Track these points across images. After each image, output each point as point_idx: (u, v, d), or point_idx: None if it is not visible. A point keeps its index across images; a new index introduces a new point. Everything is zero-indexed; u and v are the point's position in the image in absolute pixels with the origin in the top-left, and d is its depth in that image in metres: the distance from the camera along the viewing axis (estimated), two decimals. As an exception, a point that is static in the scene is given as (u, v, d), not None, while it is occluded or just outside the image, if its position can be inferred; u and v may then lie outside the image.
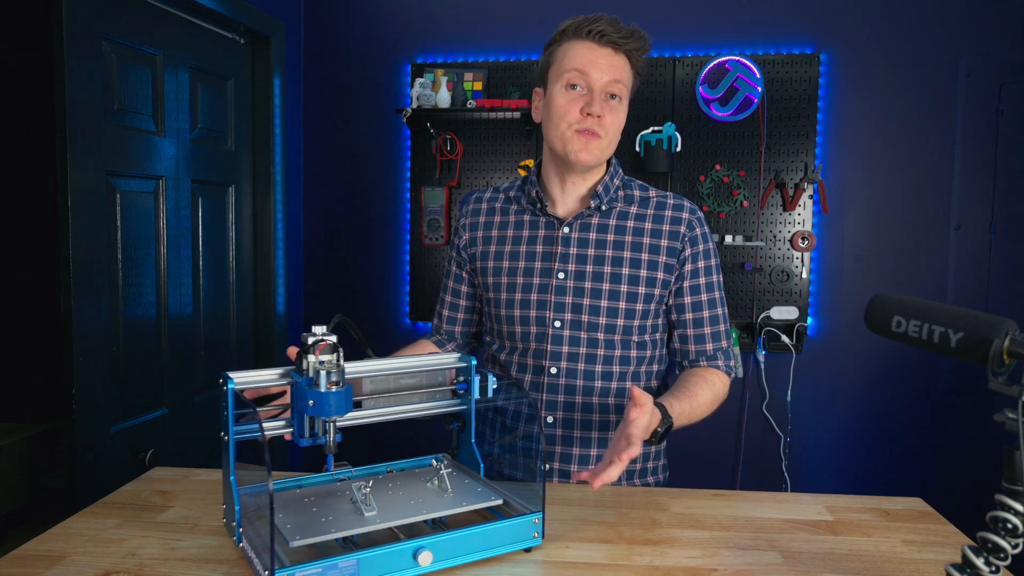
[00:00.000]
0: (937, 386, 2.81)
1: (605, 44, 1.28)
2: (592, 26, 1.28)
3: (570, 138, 1.30)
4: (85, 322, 1.87)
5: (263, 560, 0.87)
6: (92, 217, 1.90)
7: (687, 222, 1.36)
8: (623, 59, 1.30)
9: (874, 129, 2.80)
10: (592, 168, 1.36)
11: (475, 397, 1.13)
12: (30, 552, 0.98)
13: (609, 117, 1.30)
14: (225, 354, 2.58)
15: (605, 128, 1.30)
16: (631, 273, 1.33)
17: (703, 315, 1.36)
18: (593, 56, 1.28)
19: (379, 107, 3.05)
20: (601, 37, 1.27)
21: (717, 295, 1.38)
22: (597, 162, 1.33)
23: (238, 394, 0.95)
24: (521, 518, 0.99)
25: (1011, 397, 0.66)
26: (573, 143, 1.30)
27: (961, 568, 0.71)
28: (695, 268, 1.36)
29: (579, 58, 1.28)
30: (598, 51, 1.28)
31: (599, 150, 1.31)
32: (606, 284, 1.33)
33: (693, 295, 1.36)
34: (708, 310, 1.36)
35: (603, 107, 1.28)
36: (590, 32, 1.28)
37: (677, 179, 2.86)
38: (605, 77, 1.28)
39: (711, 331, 1.37)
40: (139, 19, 2.11)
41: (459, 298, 1.53)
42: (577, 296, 1.34)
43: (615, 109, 1.31)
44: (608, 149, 1.33)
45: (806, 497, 1.25)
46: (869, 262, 2.83)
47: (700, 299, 1.36)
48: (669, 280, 1.35)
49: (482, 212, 1.48)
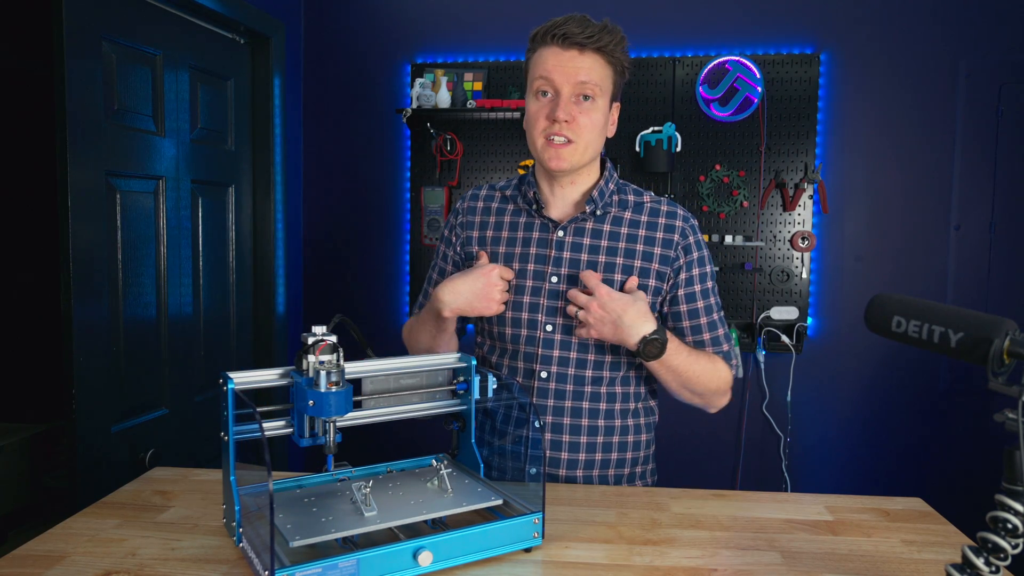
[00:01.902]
0: (937, 386, 2.81)
1: (570, 47, 1.26)
2: (556, 30, 1.26)
3: (542, 146, 1.30)
4: (85, 322, 1.87)
5: (263, 560, 0.87)
6: (92, 217, 1.90)
7: (680, 230, 1.35)
8: (593, 58, 1.27)
9: (874, 129, 2.80)
10: (576, 172, 1.34)
11: (475, 397, 1.13)
12: (30, 552, 0.98)
13: (582, 119, 1.27)
14: (225, 354, 2.58)
15: (577, 131, 1.28)
16: (623, 279, 1.33)
17: (700, 322, 1.37)
18: (558, 60, 1.26)
19: (379, 107, 3.05)
20: (565, 40, 1.25)
21: (713, 301, 1.38)
22: (573, 167, 1.32)
23: (238, 394, 0.95)
24: (521, 518, 0.99)
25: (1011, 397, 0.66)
26: (546, 151, 1.30)
27: (961, 568, 0.71)
28: (690, 276, 1.35)
29: (545, 64, 1.28)
30: (563, 55, 1.26)
31: (572, 156, 1.29)
32: None
33: (689, 303, 1.36)
34: (705, 316, 1.37)
35: (573, 110, 1.27)
36: (554, 36, 1.26)
37: (677, 179, 2.86)
38: (572, 79, 1.26)
39: (710, 336, 1.37)
40: (139, 19, 2.11)
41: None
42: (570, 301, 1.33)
43: (588, 110, 1.28)
44: (586, 152, 1.31)
45: (806, 497, 1.25)
46: (869, 262, 2.83)
47: (696, 306, 1.36)
48: (661, 287, 1.35)
49: (478, 211, 1.46)
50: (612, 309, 1.22)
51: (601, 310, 1.23)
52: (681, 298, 1.36)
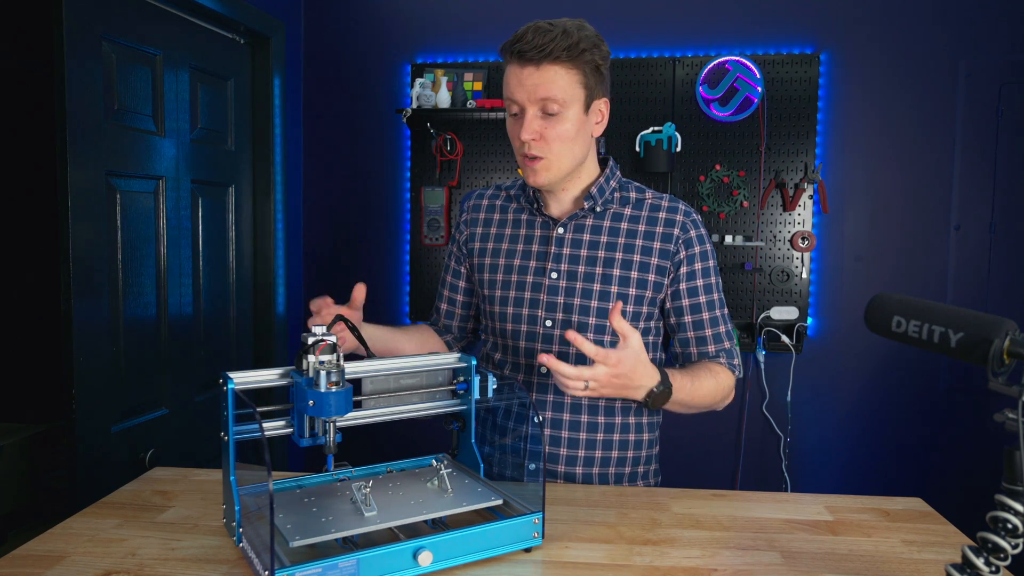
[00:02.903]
0: (937, 386, 2.81)
1: (526, 63, 1.23)
2: (513, 46, 1.23)
3: (521, 163, 1.32)
4: (85, 322, 1.87)
5: (263, 560, 0.87)
6: (92, 217, 1.90)
7: (681, 224, 1.34)
8: (553, 70, 1.22)
9: (874, 129, 2.80)
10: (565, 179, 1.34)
11: (475, 397, 1.13)
12: (30, 552, 0.98)
13: (549, 133, 1.25)
14: (225, 354, 2.58)
15: (546, 147, 1.26)
16: (622, 274, 1.33)
17: (703, 317, 1.35)
18: (517, 79, 1.25)
19: (379, 107, 3.05)
20: (521, 56, 1.23)
21: (716, 296, 1.36)
22: (551, 181, 1.31)
23: (238, 394, 0.95)
24: (521, 518, 0.99)
25: (1011, 397, 0.66)
26: (523, 169, 1.32)
27: (961, 568, 0.71)
28: (691, 270, 1.34)
29: (508, 82, 1.27)
30: (521, 72, 1.24)
31: (548, 171, 1.29)
32: (597, 285, 1.33)
33: (691, 297, 1.34)
34: (707, 312, 1.35)
35: (537, 127, 1.25)
36: (512, 53, 1.25)
37: (677, 179, 2.86)
38: (532, 96, 1.23)
39: (712, 333, 1.35)
40: (139, 19, 2.11)
41: (456, 293, 1.53)
42: (568, 296, 1.34)
43: (555, 123, 1.25)
44: (561, 164, 1.29)
45: (806, 497, 1.25)
46: (869, 262, 2.83)
47: (699, 301, 1.34)
48: (661, 282, 1.34)
49: (482, 209, 1.48)
50: (621, 374, 1.15)
51: (615, 379, 1.15)
52: (683, 292, 1.34)
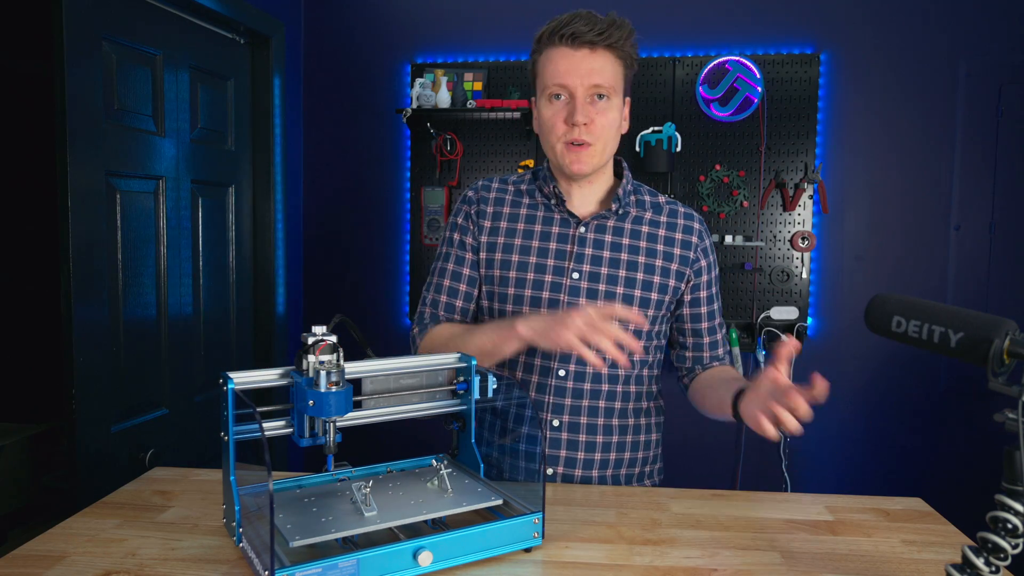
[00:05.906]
0: (937, 386, 2.81)
1: (580, 46, 1.23)
2: (564, 29, 1.22)
3: (561, 152, 1.29)
4: (85, 322, 1.87)
5: (263, 560, 0.87)
6: (92, 217, 1.89)
7: (698, 232, 1.39)
8: (604, 55, 1.24)
9: (874, 129, 2.79)
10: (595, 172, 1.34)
11: (475, 397, 1.13)
12: (30, 552, 0.98)
13: (599, 120, 1.26)
14: (225, 354, 2.58)
15: (595, 133, 1.26)
16: (644, 278, 1.33)
17: (715, 323, 1.42)
18: (569, 62, 1.23)
19: (379, 107, 3.05)
20: (574, 39, 1.22)
21: (717, 305, 1.44)
22: (594, 170, 1.31)
23: (238, 394, 0.95)
24: (521, 518, 0.99)
25: (1011, 397, 0.66)
26: (565, 157, 1.29)
27: (961, 568, 0.71)
28: (708, 279, 1.40)
29: (556, 66, 1.25)
30: (574, 55, 1.23)
31: (592, 158, 1.28)
32: (620, 287, 1.32)
33: (708, 304, 1.41)
34: (713, 319, 1.42)
35: (589, 111, 1.25)
36: (563, 36, 1.23)
37: (677, 179, 2.86)
38: (586, 81, 1.23)
39: (716, 338, 1.43)
40: (139, 19, 2.11)
41: (460, 282, 1.40)
42: (591, 298, 1.32)
43: (604, 110, 1.26)
44: (604, 152, 1.30)
45: (806, 497, 1.25)
46: (869, 262, 2.83)
47: (712, 308, 1.42)
48: (680, 287, 1.37)
49: (490, 202, 1.40)
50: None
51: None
52: (700, 299, 1.40)
